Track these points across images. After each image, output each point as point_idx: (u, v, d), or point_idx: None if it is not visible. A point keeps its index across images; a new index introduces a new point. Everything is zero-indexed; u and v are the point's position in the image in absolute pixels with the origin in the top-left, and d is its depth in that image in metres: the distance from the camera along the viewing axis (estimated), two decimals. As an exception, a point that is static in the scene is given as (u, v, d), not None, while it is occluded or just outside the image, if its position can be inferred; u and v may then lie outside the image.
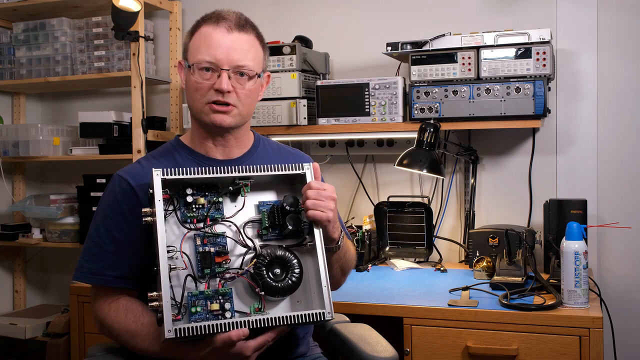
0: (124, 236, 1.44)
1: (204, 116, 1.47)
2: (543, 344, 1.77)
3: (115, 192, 1.47)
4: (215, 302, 1.30)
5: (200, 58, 1.45)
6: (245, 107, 1.49)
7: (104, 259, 1.44)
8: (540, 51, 2.18)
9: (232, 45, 1.45)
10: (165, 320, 1.22)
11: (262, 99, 2.51)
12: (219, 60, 1.44)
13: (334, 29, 2.82)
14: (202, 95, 1.46)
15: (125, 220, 1.44)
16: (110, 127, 2.81)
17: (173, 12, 2.97)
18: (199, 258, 1.33)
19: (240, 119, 1.50)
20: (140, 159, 1.56)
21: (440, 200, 2.67)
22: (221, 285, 1.32)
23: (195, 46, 1.48)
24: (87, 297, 2.41)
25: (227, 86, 1.43)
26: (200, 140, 1.54)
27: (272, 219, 1.41)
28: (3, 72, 3.04)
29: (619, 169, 2.47)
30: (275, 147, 1.66)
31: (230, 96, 1.45)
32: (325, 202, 1.36)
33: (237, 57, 1.45)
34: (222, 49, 1.44)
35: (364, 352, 1.54)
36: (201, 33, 1.48)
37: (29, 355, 3.15)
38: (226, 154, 1.55)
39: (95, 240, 1.46)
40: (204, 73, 1.45)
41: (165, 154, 1.56)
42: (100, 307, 1.44)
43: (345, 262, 1.55)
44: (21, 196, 3.28)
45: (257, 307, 1.33)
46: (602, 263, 2.48)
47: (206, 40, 1.46)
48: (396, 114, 2.39)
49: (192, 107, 1.50)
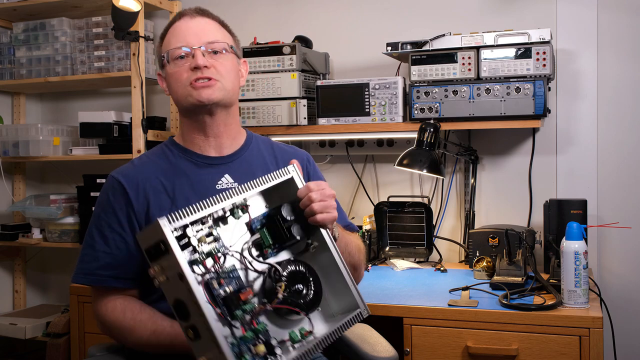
0: (116, 236, 1.44)
1: (190, 98, 1.46)
2: (543, 344, 1.77)
3: (107, 192, 1.48)
4: (259, 344, 1.15)
5: (172, 47, 1.49)
6: (227, 82, 1.49)
7: (97, 259, 1.44)
8: (540, 51, 2.18)
9: (198, 26, 1.50)
10: None
11: (262, 99, 2.52)
12: (189, 42, 1.47)
13: (334, 29, 2.82)
14: (183, 81, 1.47)
15: (117, 219, 1.44)
16: (110, 127, 2.81)
17: (173, 12, 2.96)
18: (224, 303, 1.15)
19: (225, 94, 1.48)
20: (133, 159, 1.56)
21: (440, 200, 2.67)
22: (256, 323, 1.18)
23: (165, 44, 1.52)
24: (87, 297, 2.41)
25: (202, 61, 1.45)
26: (192, 135, 1.53)
27: (272, 233, 1.28)
28: (3, 72, 3.04)
29: (619, 169, 2.47)
30: (269, 144, 1.65)
31: (210, 71, 1.46)
32: (329, 201, 1.32)
33: (205, 35, 1.49)
34: (190, 32, 1.49)
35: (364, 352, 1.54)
36: (168, 32, 1.53)
37: (29, 355, 3.15)
38: (218, 147, 1.53)
39: (89, 242, 1.47)
40: (179, 60, 1.47)
41: (158, 154, 1.56)
42: (99, 307, 1.45)
43: (349, 256, 1.48)
44: (21, 196, 3.28)
45: (306, 331, 1.24)
46: (602, 263, 2.48)
47: (174, 32, 1.51)
48: (396, 114, 2.39)
49: (177, 97, 1.50)
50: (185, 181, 1.49)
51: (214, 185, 1.49)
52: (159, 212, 1.43)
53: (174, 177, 1.49)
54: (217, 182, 1.50)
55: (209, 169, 1.51)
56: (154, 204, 1.45)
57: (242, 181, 1.51)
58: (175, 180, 1.48)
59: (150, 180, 1.47)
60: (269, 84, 2.51)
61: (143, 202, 1.45)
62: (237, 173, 1.52)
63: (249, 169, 1.54)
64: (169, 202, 1.46)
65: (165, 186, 1.47)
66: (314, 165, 1.68)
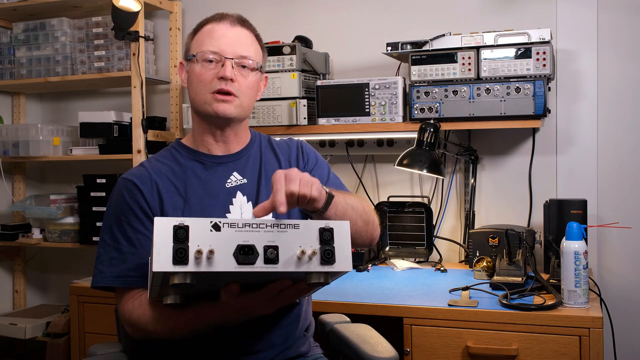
0: (140, 235, 1.44)
1: (207, 106, 1.49)
2: (543, 344, 1.77)
3: (122, 194, 1.47)
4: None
5: (205, 49, 1.49)
6: (246, 99, 1.52)
7: (126, 261, 1.43)
8: (540, 51, 2.18)
9: (236, 38, 1.51)
10: None
11: (262, 99, 2.52)
12: (222, 50, 1.48)
13: (334, 29, 2.82)
14: (206, 85, 1.48)
15: (137, 218, 1.45)
16: (110, 127, 2.81)
17: (173, 12, 2.97)
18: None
19: (241, 111, 1.52)
20: (142, 162, 1.57)
21: (440, 200, 2.67)
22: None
23: (198, 41, 1.52)
24: (87, 297, 2.41)
25: (230, 74, 1.47)
26: (202, 137, 1.55)
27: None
28: (3, 72, 3.04)
29: (619, 169, 2.47)
30: (266, 140, 1.67)
31: (233, 85, 1.48)
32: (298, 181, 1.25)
33: (240, 48, 1.50)
34: (226, 40, 1.49)
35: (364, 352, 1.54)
36: (204, 30, 1.53)
37: (29, 355, 3.15)
38: (226, 149, 1.57)
39: (112, 245, 1.45)
40: (207, 63, 1.49)
41: (166, 155, 1.57)
42: (125, 308, 1.43)
43: (353, 211, 1.43)
44: (21, 196, 3.28)
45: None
46: (602, 263, 2.48)
47: (210, 33, 1.51)
48: (396, 114, 2.39)
49: (195, 98, 1.52)
50: (196, 181, 1.51)
51: (224, 184, 1.52)
52: (172, 212, 1.45)
53: (185, 177, 1.51)
54: (227, 181, 1.53)
55: (217, 168, 1.54)
56: (167, 204, 1.46)
57: (250, 177, 1.54)
58: (186, 180, 1.51)
59: (162, 180, 1.49)
60: (269, 84, 2.51)
61: (157, 201, 1.46)
62: (244, 169, 1.56)
63: (255, 164, 1.57)
64: (181, 202, 1.48)
65: (177, 187, 1.49)
66: (307, 148, 1.67)
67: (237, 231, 1.14)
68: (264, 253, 1.14)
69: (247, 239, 1.14)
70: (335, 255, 1.16)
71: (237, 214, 1.49)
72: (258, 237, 1.15)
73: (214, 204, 1.48)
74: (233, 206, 1.50)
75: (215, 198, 1.49)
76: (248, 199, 1.52)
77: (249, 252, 1.13)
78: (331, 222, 1.19)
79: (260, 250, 1.14)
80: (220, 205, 1.49)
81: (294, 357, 1.55)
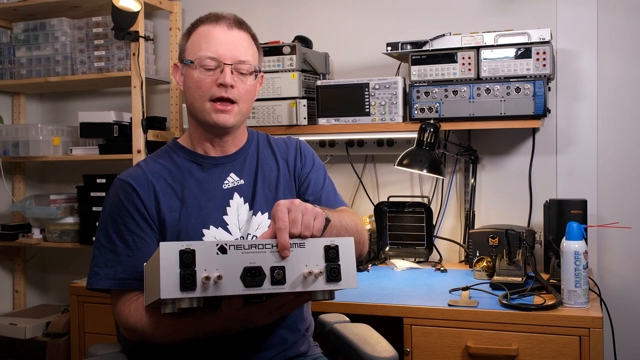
0: (136, 237, 1.44)
1: (206, 115, 1.47)
2: (543, 344, 1.77)
3: (118, 196, 1.47)
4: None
5: (202, 54, 1.46)
6: (245, 105, 1.51)
7: (122, 263, 1.43)
8: (540, 51, 2.18)
9: (233, 42, 1.48)
10: None
11: (262, 99, 2.52)
12: (221, 55, 1.46)
13: (334, 29, 2.82)
14: (205, 92, 1.47)
15: (134, 221, 1.44)
16: (110, 127, 2.81)
17: (173, 12, 2.97)
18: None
19: (240, 117, 1.51)
20: (139, 162, 1.56)
21: (440, 200, 2.67)
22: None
23: (194, 44, 1.49)
24: (87, 297, 2.41)
25: (230, 80, 1.45)
26: (199, 140, 1.55)
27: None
28: (3, 72, 3.04)
29: (619, 169, 2.47)
30: (265, 138, 1.67)
31: (233, 92, 1.47)
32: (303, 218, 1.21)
33: (238, 52, 1.48)
34: (224, 45, 1.47)
35: (364, 352, 1.54)
36: (200, 32, 1.49)
37: (29, 355, 3.15)
38: (223, 151, 1.56)
39: (108, 247, 1.45)
40: (205, 69, 1.46)
41: (163, 156, 1.56)
42: (121, 311, 1.43)
43: (345, 233, 1.38)
44: (21, 196, 3.28)
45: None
46: (602, 263, 2.47)
47: (207, 37, 1.48)
48: (396, 114, 2.39)
49: (192, 105, 1.50)
50: (193, 183, 1.50)
51: (221, 185, 1.51)
52: (169, 212, 1.45)
53: (182, 179, 1.50)
54: (224, 182, 1.52)
55: (214, 169, 1.53)
56: (164, 205, 1.46)
57: (247, 178, 1.53)
58: (183, 182, 1.50)
59: (158, 181, 1.48)
60: (268, 84, 2.51)
61: (154, 202, 1.46)
62: (242, 170, 1.55)
63: (252, 165, 1.57)
64: (178, 203, 1.47)
65: (174, 188, 1.49)
66: (306, 150, 1.66)
67: (244, 253, 1.14)
68: (271, 274, 1.14)
69: (254, 260, 1.14)
70: (340, 273, 1.17)
71: (233, 215, 1.49)
72: (264, 259, 1.14)
73: (211, 205, 1.48)
74: (230, 207, 1.49)
75: (212, 200, 1.49)
76: (245, 200, 1.51)
77: (256, 274, 1.13)
78: (336, 240, 1.19)
79: (267, 272, 1.13)
80: (217, 206, 1.48)
81: (293, 357, 1.55)
